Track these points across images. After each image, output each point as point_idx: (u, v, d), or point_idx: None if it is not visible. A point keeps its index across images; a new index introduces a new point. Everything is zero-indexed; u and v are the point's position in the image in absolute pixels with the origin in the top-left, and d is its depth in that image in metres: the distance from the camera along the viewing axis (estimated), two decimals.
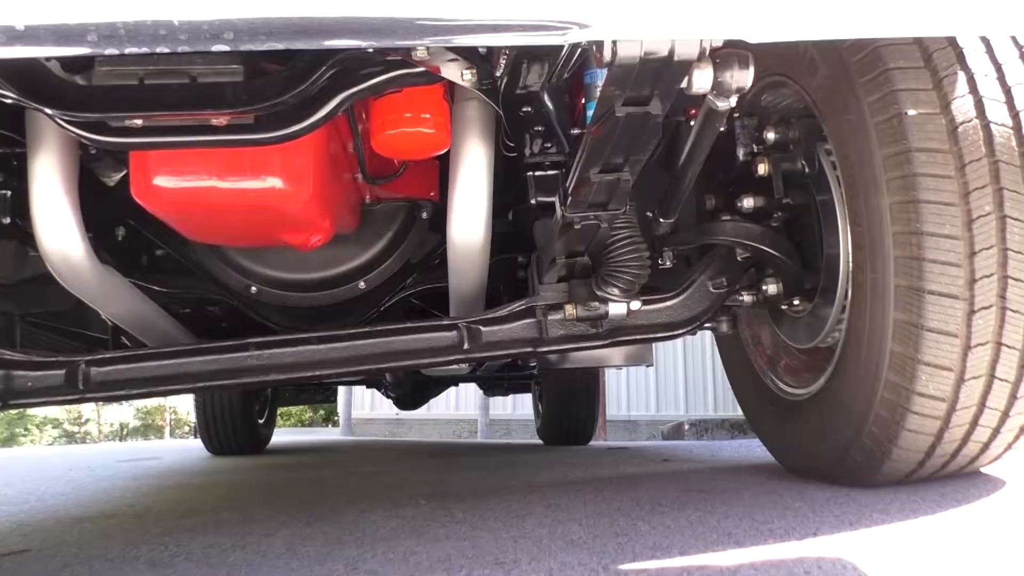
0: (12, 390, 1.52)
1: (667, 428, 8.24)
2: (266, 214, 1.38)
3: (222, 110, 1.09)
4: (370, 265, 1.95)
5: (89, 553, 1.73)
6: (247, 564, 1.44)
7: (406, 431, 9.21)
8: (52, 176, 1.49)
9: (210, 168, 1.29)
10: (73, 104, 1.08)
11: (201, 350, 1.55)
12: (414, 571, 1.25)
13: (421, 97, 1.29)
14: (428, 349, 1.60)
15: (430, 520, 1.74)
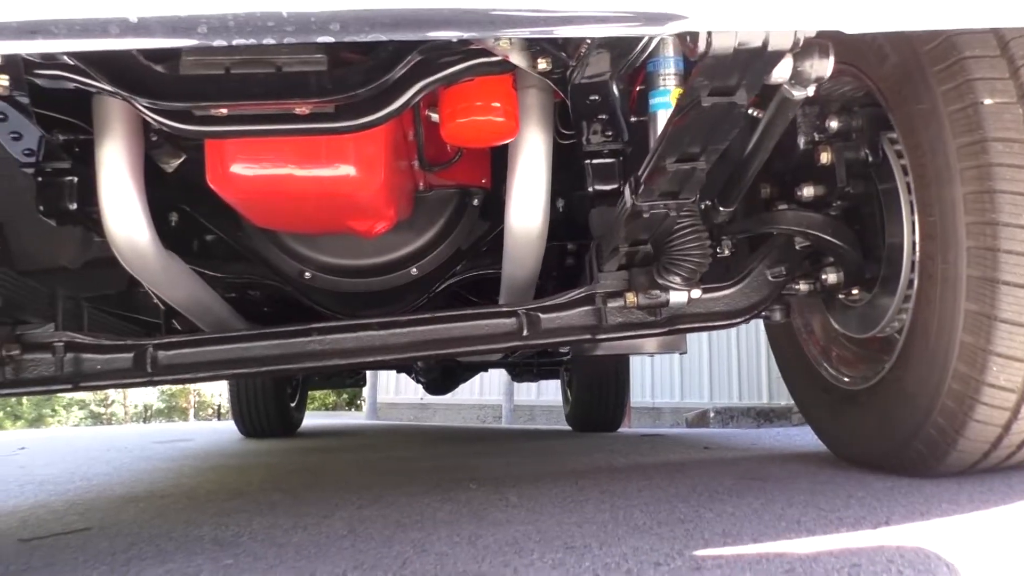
0: (81, 373, 1.55)
1: (691, 415, 8.24)
2: (338, 201, 1.40)
3: (307, 99, 1.11)
4: (422, 252, 1.97)
5: (151, 532, 1.77)
6: (313, 544, 1.47)
7: (430, 415, 9.27)
8: (119, 163, 1.51)
9: (286, 156, 1.31)
10: (162, 93, 1.10)
11: (265, 335, 1.58)
12: (483, 554, 1.27)
13: (492, 86, 1.30)
14: (487, 336, 1.61)
15: (486, 504, 1.76)
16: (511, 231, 1.66)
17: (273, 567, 1.31)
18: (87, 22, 0.77)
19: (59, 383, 1.53)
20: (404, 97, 1.17)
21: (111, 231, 1.56)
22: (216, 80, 1.10)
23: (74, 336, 1.52)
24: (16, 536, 1.87)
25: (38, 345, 1.50)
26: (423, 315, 1.60)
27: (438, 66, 1.18)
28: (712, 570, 1.02)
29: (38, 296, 1.50)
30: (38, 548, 1.69)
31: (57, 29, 0.78)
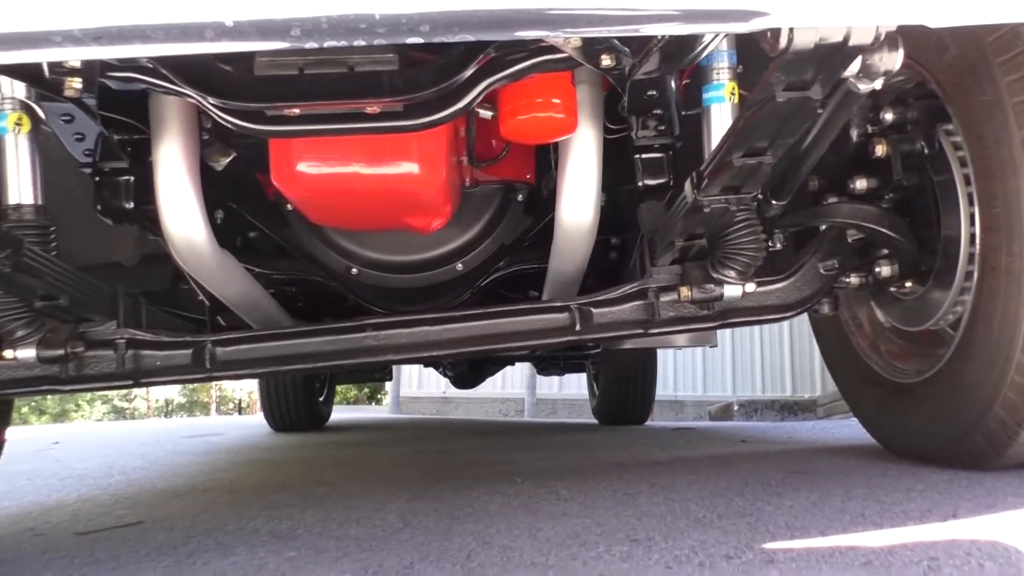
0: (141, 369, 1.57)
1: (714, 409, 8.23)
2: (400, 198, 1.41)
3: (379, 98, 1.12)
4: (468, 247, 1.98)
5: (204, 525, 1.79)
6: (371, 537, 1.49)
7: (452, 409, 9.31)
8: (177, 162, 1.53)
9: (352, 155, 1.32)
10: (236, 94, 1.12)
11: (320, 331, 1.59)
12: (546, 547, 1.28)
13: (551, 82, 1.31)
14: (540, 331, 1.62)
15: (536, 498, 1.77)
16: (561, 225, 1.66)
17: (338, 560, 1.33)
18: (185, 27, 0.79)
19: (120, 379, 1.56)
20: (471, 95, 1.18)
21: (168, 229, 1.58)
22: (290, 81, 1.11)
23: (135, 333, 1.55)
24: (72, 530, 1.90)
25: (101, 342, 1.53)
26: (477, 310, 1.61)
27: (504, 64, 1.19)
28: (786, 563, 1.02)
29: (100, 294, 1.52)
30: (96, 541, 1.72)
31: (155, 34, 0.79)
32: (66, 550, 1.63)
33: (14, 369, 1.53)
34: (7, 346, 1.48)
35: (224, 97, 1.12)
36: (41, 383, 1.55)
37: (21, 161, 1.43)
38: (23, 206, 1.43)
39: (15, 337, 1.45)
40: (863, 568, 0.97)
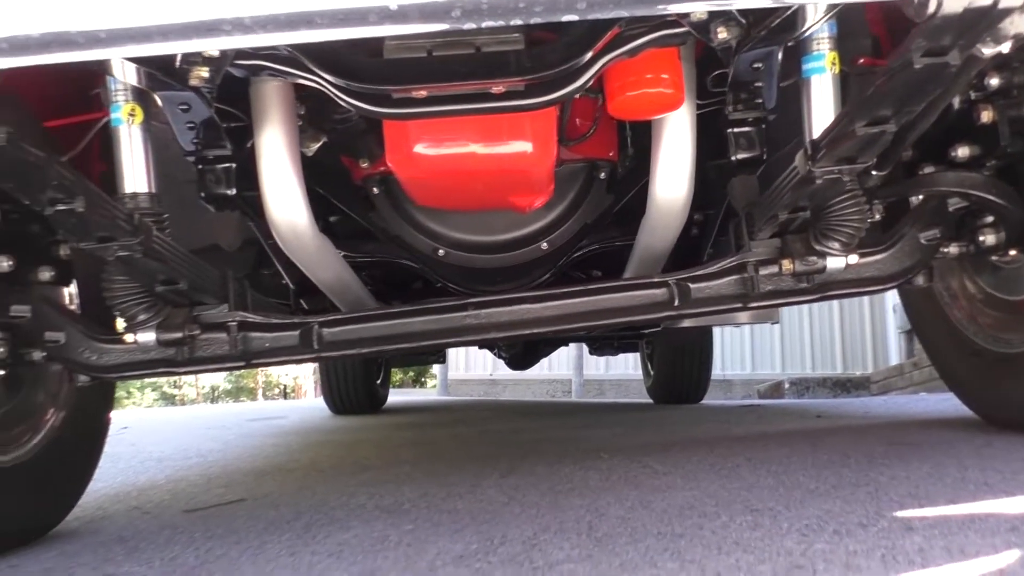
0: (251, 351, 1.61)
1: (764, 387, 8.16)
2: (512, 177, 1.42)
3: (507, 78, 1.13)
4: (553, 226, 1.99)
5: (308, 502, 1.84)
6: (481, 511, 1.52)
7: (500, 391, 9.37)
8: (279, 148, 1.57)
9: (469, 135, 1.34)
10: (366, 77, 1.14)
11: (422, 310, 1.62)
12: (665, 517, 1.30)
13: (661, 58, 1.31)
14: (639, 307, 1.63)
15: (632, 472, 1.79)
16: (655, 202, 1.67)
17: (458, 532, 1.36)
18: (349, 12, 0.81)
19: (231, 361, 1.60)
20: (591, 71, 1.19)
21: (272, 214, 1.61)
22: (419, 63, 1.13)
23: (246, 316, 1.59)
24: (177, 508, 1.97)
25: (214, 325, 1.57)
26: (576, 287, 1.63)
27: (624, 40, 1.19)
28: (926, 530, 1.03)
29: (213, 278, 1.57)
30: (205, 518, 1.78)
31: (321, 20, 0.81)
32: (181, 527, 1.69)
33: (133, 352, 1.59)
34: (128, 330, 1.53)
35: (358, 81, 1.14)
36: (158, 366, 1.60)
37: (135, 151, 1.47)
38: (139, 194, 1.47)
39: (137, 321, 1.50)
40: (1012, 533, 0.97)
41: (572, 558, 1.10)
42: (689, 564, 0.99)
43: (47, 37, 0.82)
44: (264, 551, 1.36)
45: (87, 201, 1.15)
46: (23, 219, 1.62)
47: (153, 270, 1.41)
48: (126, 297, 1.48)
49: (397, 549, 1.28)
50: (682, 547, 1.08)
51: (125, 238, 1.26)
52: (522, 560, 1.12)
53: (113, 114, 1.45)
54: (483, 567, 1.10)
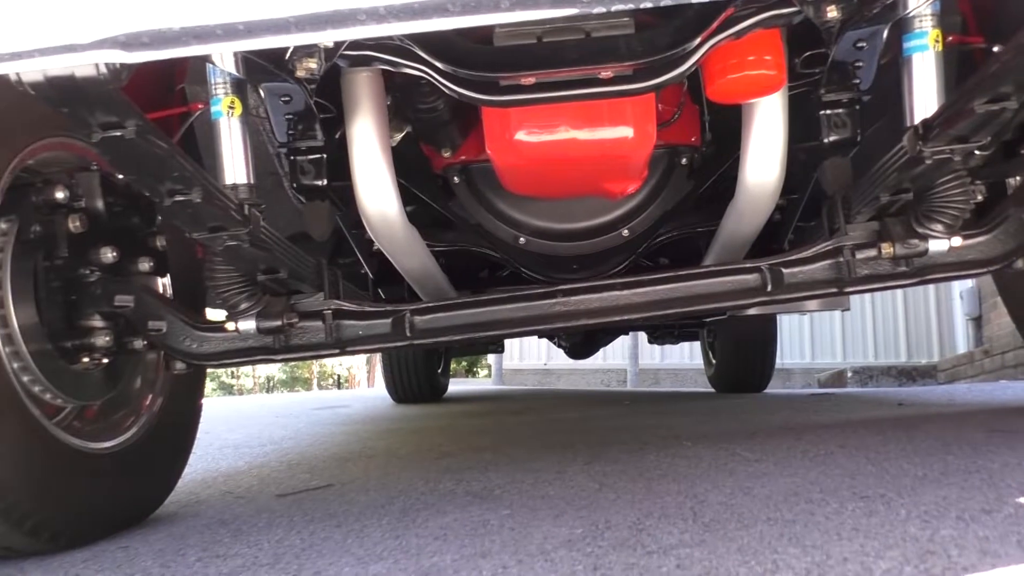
0: (344, 338, 1.64)
1: (825, 376, 8.02)
2: (611, 163, 1.42)
3: (616, 63, 1.13)
4: (634, 213, 1.97)
5: (396, 488, 1.87)
6: (576, 497, 1.52)
7: (554, 380, 9.38)
8: (371, 139, 1.59)
9: (570, 121, 1.34)
10: (476, 65, 1.15)
11: (512, 298, 1.63)
12: (771, 503, 1.28)
13: (764, 39, 1.29)
14: (729, 292, 1.61)
15: (721, 459, 1.77)
16: (745, 186, 1.65)
17: (558, 517, 1.37)
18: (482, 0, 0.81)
19: (326, 348, 1.63)
20: (699, 54, 1.17)
21: (364, 204, 1.64)
22: (529, 50, 1.13)
23: (341, 304, 1.62)
24: (269, 493, 2.02)
25: (310, 313, 1.60)
26: (665, 273, 1.62)
27: (733, 21, 1.17)
28: None
29: (310, 267, 1.60)
30: (298, 503, 1.82)
31: (453, 7, 0.82)
32: (278, 511, 1.73)
33: (233, 340, 1.63)
34: (230, 318, 1.57)
35: (465, 68, 1.15)
36: (256, 353, 1.64)
37: (234, 143, 1.50)
38: (239, 185, 1.50)
39: (238, 310, 1.54)
40: None
41: (685, 543, 1.09)
42: (812, 549, 0.98)
43: (186, 31, 0.85)
44: (367, 534, 1.39)
45: (203, 192, 1.18)
46: (125, 212, 1.68)
47: (258, 259, 1.44)
48: (229, 286, 1.52)
49: (500, 533, 1.29)
50: (797, 533, 1.07)
51: (235, 228, 1.29)
52: (633, 544, 1.12)
53: (213, 107, 1.48)
54: (595, 551, 1.11)
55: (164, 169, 1.10)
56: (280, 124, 1.55)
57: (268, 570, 1.22)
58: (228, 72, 1.41)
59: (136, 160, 1.08)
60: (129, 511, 1.71)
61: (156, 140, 1.06)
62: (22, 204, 1.50)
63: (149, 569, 1.31)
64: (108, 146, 1.02)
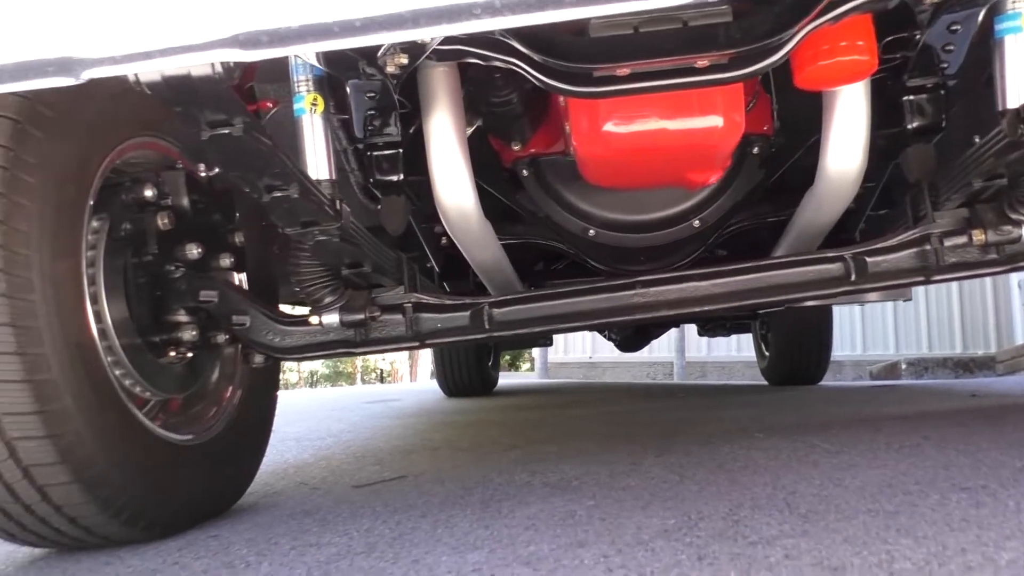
0: (423, 331, 1.66)
1: (877, 368, 7.88)
2: (697, 152, 1.41)
3: (713, 51, 1.12)
4: (705, 203, 1.96)
5: (471, 479, 1.88)
6: (660, 489, 1.52)
7: (599, 374, 9.36)
8: (449, 134, 1.60)
9: (660, 111, 1.34)
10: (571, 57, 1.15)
11: (591, 289, 1.63)
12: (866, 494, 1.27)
13: (856, 24, 1.27)
14: (811, 282, 1.59)
15: (800, 451, 1.76)
16: (826, 174, 1.63)
17: (646, 507, 1.37)
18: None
19: (406, 342, 1.65)
20: (794, 41, 1.16)
21: (441, 198, 1.65)
22: (626, 40, 1.13)
23: (420, 297, 1.63)
24: (345, 484, 2.05)
25: (390, 307, 1.63)
26: (746, 264, 1.60)
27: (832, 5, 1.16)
28: None
29: (392, 261, 1.62)
30: (376, 493, 1.84)
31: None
32: (358, 501, 1.75)
33: (314, 334, 1.66)
34: (313, 312, 1.60)
35: (563, 60, 1.15)
36: (337, 347, 1.67)
37: (317, 139, 1.52)
38: (322, 181, 1.53)
39: (323, 304, 1.57)
40: None
41: (786, 533, 1.09)
42: (925, 541, 0.97)
43: (304, 28, 0.86)
44: (455, 524, 1.40)
45: (299, 188, 1.20)
46: (207, 209, 1.71)
47: (344, 253, 1.46)
48: (313, 280, 1.55)
49: (591, 523, 1.29)
50: (904, 524, 1.06)
51: (327, 223, 1.31)
52: (732, 535, 1.11)
53: (296, 104, 1.50)
54: (694, 541, 1.11)
55: (266, 165, 1.13)
56: (362, 120, 1.57)
57: (364, 558, 1.24)
58: (312, 69, 1.44)
59: (241, 157, 1.10)
60: (214, 502, 1.75)
61: (261, 137, 1.08)
62: (113, 203, 1.54)
63: (245, 557, 1.34)
64: (216, 143, 1.04)
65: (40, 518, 1.38)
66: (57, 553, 1.51)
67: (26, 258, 1.27)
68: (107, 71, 0.89)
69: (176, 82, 0.94)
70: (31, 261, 1.28)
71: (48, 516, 1.38)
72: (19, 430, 1.27)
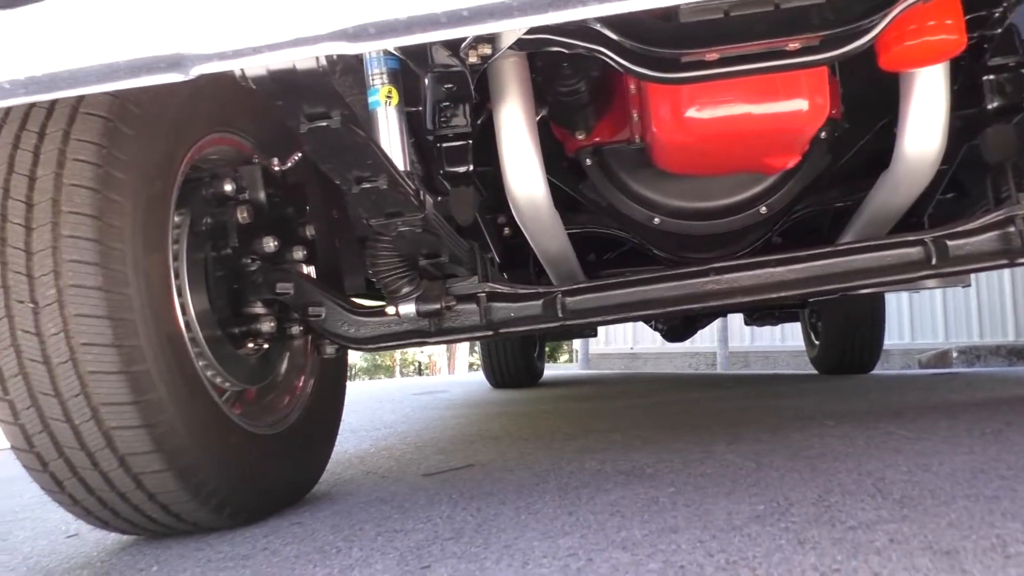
0: (496, 320, 1.67)
1: (927, 356, 7.74)
2: (779, 137, 1.40)
3: (806, 34, 1.11)
4: (773, 189, 1.94)
5: (542, 467, 1.89)
6: (738, 475, 1.52)
7: (641, 364, 9.32)
8: (520, 124, 1.60)
9: (744, 96, 1.33)
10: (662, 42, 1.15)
11: (664, 277, 1.63)
12: (954, 480, 1.25)
13: (945, 2, 1.25)
14: (890, 267, 1.57)
15: (877, 437, 1.74)
16: (903, 157, 1.60)
17: (729, 494, 1.37)
18: None
19: (480, 331, 1.67)
20: (887, 20, 1.15)
21: (512, 189, 1.66)
22: (716, 24, 1.13)
23: (494, 287, 1.65)
24: (413, 472, 2.08)
25: (464, 297, 1.64)
26: (822, 249, 1.59)
27: None
28: None
29: (467, 251, 1.63)
30: (447, 481, 1.86)
31: None
32: (432, 489, 1.77)
33: (389, 325, 1.68)
34: (390, 302, 1.62)
35: (652, 45, 1.15)
36: (411, 337, 1.69)
37: (392, 131, 1.53)
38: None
39: (400, 294, 1.59)
40: None
41: (885, 518, 1.08)
42: None
43: (413, 19, 0.87)
44: (537, 510, 1.42)
45: (388, 179, 1.22)
46: (281, 202, 1.74)
47: (424, 244, 1.48)
48: (391, 271, 1.57)
49: (676, 509, 1.30)
50: (1008, 508, 1.04)
51: (411, 213, 1.32)
52: (828, 520, 1.11)
53: (371, 97, 1.52)
54: (790, 526, 1.10)
55: (360, 157, 1.14)
56: (435, 112, 1.58)
57: (453, 543, 1.26)
58: (386, 62, 1.45)
59: (338, 149, 1.12)
60: (291, 489, 1.78)
61: (356, 129, 1.09)
62: (193, 198, 1.58)
63: (334, 543, 1.37)
64: (315, 136, 1.06)
65: (134, 505, 1.42)
66: (144, 540, 1.55)
67: (121, 252, 1.30)
68: (217, 67, 0.91)
69: (281, 76, 0.96)
70: (125, 255, 1.31)
71: (141, 503, 1.42)
72: (116, 420, 1.31)
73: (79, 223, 1.27)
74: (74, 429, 1.31)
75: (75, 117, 1.32)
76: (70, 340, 1.27)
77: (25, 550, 1.61)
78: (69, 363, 1.27)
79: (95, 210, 1.28)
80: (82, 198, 1.28)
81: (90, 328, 1.26)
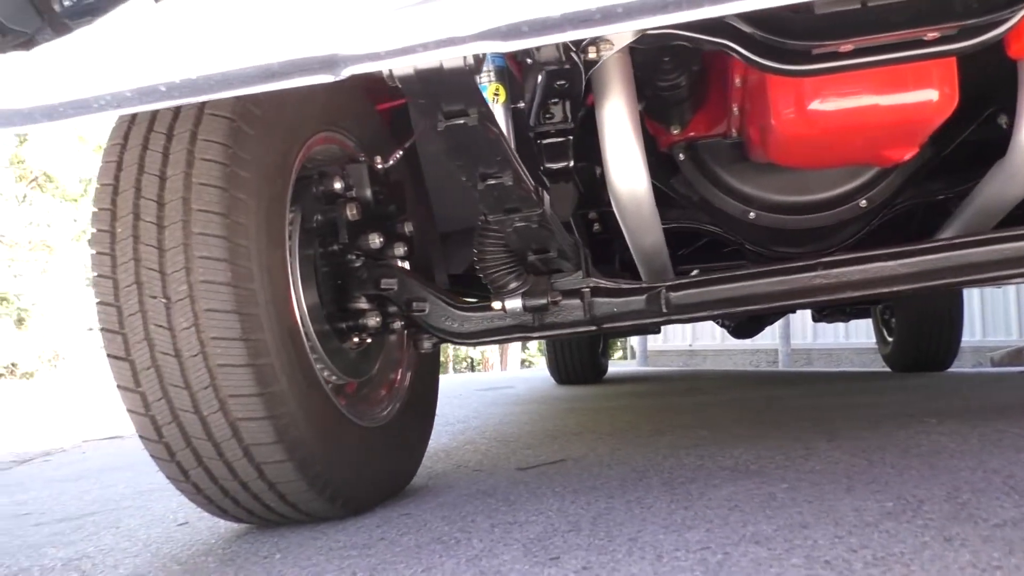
0: (599, 315, 1.68)
1: (999, 354, 7.50)
2: (904, 128, 1.38)
3: (947, 23, 1.09)
4: (875, 182, 1.90)
5: (638, 462, 1.89)
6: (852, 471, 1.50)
7: (700, 361, 9.24)
8: (623, 119, 1.60)
9: (870, 87, 1.31)
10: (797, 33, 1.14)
11: (770, 272, 1.61)
12: None
13: None
14: (1009, 260, 1.53)
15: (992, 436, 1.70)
16: (1021, 147, 1.56)
17: (850, 490, 1.35)
18: None
19: (583, 326, 1.68)
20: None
21: (614, 184, 1.66)
22: (853, 15, 1.11)
23: (598, 282, 1.65)
24: (509, 467, 2.09)
25: (569, 292, 1.65)
26: (936, 242, 1.56)
27: None
28: None
29: (572, 246, 1.64)
30: (544, 476, 1.87)
31: None
32: (531, 483, 1.79)
33: (491, 319, 1.70)
34: (497, 297, 1.64)
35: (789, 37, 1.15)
36: (514, 331, 1.70)
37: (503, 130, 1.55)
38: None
39: (507, 289, 1.60)
40: None
41: None
42: None
43: (566, 17, 0.87)
44: (650, 505, 1.42)
45: (513, 175, 1.23)
46: (384, 199, 1.77)
47: (536, 239, 1.49)
48: (499, 266, 1.58)
49: (796, 505, 1.28)
50: None
51: (529, 209, 1.34)
52: (968, 518, 1.09)
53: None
54: (927, 523, 1.09)
55: (492, 154, 1.16)
56: (541, 108, 1.59)
57: (574, 536, 1.27)
58: (494, 60, 1.46)
59: (471, 146, 1.13)
60: (393, 481, 1.81)
61: (491, 126, 1.11)
62: (304, 195, 1.61)
63: (451, 534, 1.39)
64: (451, 133, 1.08)
65: (254, 494, 1.46)
66: (258, 529, 1.59)
67: (247, 249, 1.34)
68: (367, 67, 0.93)
69: (427, 75, 0.98)
70: (251, 252, 1.35)
71: (261, 492, 1.46)
72: (242, 411, 1.34)
73: (209, 221, 1.31)
74: (202, 420, 1.35)
75: (201, 118, 1.36)
76: (200, 334, 1.31)
77: (142, 537, 1.66)
78: (200, 356, 1.31)
79: (223, 208, 1.32)
80: (211, 196, 1.32)
81: (220, 322, 1.30)
